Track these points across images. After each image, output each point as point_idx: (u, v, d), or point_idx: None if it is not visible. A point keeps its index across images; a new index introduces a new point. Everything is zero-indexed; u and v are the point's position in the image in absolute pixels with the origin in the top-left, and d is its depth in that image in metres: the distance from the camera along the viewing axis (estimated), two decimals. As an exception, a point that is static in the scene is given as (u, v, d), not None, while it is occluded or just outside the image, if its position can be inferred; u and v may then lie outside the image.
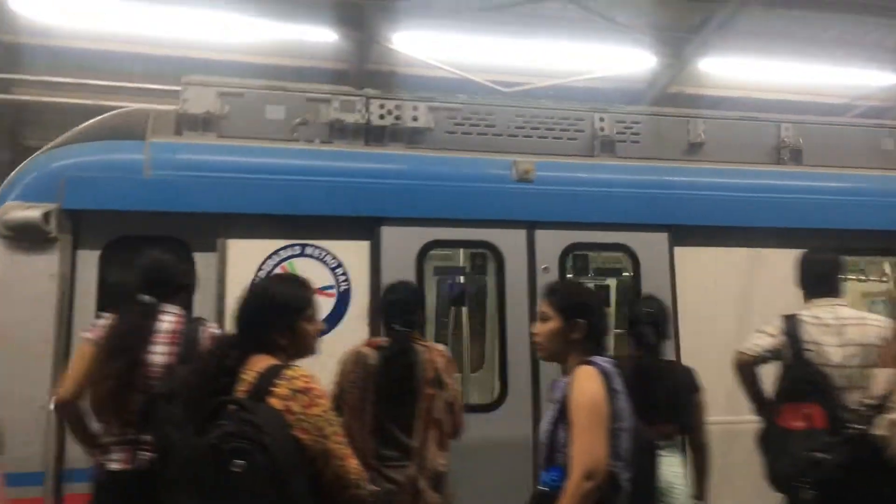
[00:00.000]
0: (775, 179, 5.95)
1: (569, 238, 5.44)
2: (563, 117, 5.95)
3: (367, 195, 5.14)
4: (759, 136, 6.27)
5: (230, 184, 4.96)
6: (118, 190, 4.82)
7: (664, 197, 5.62)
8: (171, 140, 5.18)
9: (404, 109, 5.63)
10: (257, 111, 5.44)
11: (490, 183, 5.37)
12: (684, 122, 6.15)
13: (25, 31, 9.76)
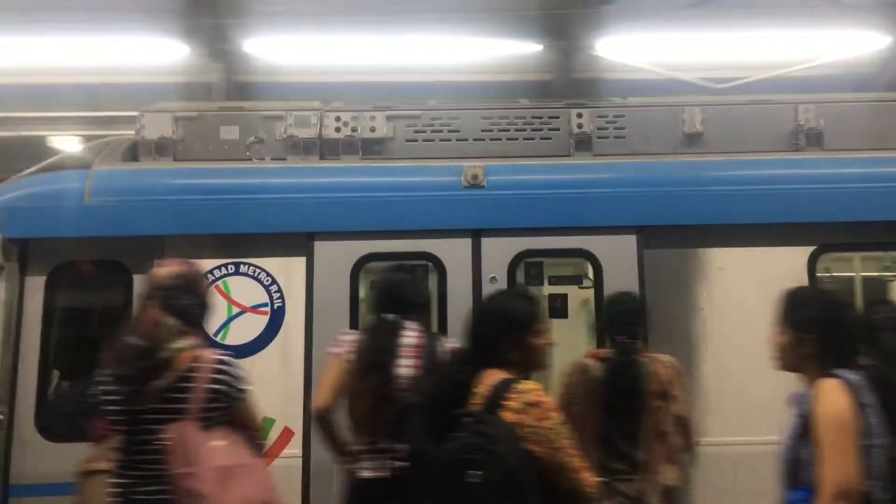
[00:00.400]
0: (785, 168, 5.38)
1: (520, 245, 5.17)
2: (535, 116, 5.64)
3: (299, 210, 5.12)
4: (772, 120, 5.65)
5: (164, 207, 5.06)
6: (60, 218, 5.01)
7: (632, 196, 5.19)
8: (115, 167, 5.29)
9: (361, 120, 5.52)
10: (212, 133, 5.52)
11: (435, 191, 5.22)
12: (678, 111, 5.63)
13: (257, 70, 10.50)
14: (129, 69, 10.02)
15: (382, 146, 5.52)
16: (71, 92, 9.82)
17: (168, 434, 3.08)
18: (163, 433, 3.09)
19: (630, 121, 5.63)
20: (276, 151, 5.49)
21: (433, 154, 5.48)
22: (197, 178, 5.31)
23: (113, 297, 5.13)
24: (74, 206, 5.03)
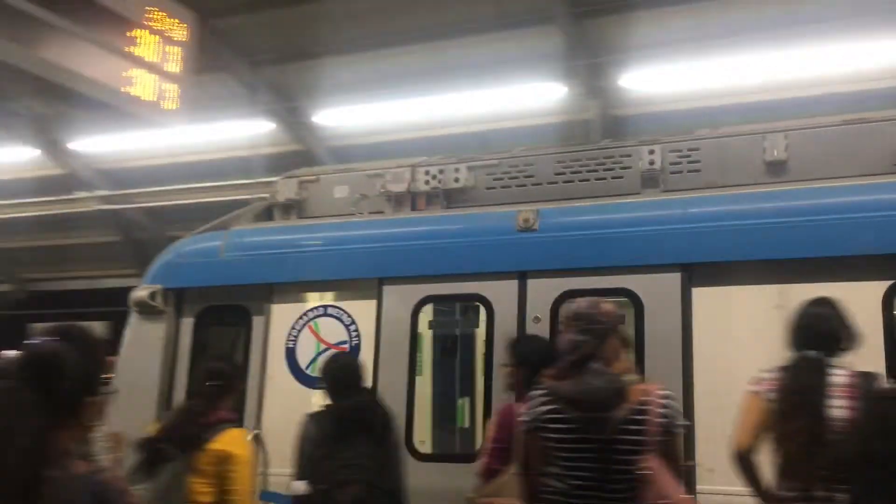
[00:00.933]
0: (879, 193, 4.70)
1: (563, 285, 5.12)
2: (607, 156, 5.63)
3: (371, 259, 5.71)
4: (870, 141, 5.01)
5: (272, 259, 5.98)
6: (202, 271, 6.16)
7: (676, 232, 4.94)
8: (244, 227, 6.41)
9: (447, 172, 5.95)
10: (328, 192, 6.36)
11: (489, 236, 5.45)
12: (759, 139, 5.27)
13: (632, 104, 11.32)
14: (515, 114, 11.47)
15: (465, 195, 5.89)
16: (465, 140, 11.09)
17: (640, 465, 3.19)
18: (628, 464, 3.21)
19: (705, 153, 5.36)
20: (376, 206, 6.09)
21: (511, 199, 5.65)
22: (294, 234, 6.24)
23: (238, 335, 6.12)
24: (212, 261, 6.15)
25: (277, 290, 5.93)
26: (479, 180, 5.90)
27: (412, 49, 11.38)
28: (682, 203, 5.12)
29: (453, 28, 10.78)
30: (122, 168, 15.05)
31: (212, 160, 14.27)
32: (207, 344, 6.16)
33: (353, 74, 12.20)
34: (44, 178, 15.53)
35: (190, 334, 6.12)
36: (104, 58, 5.05)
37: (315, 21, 11.31)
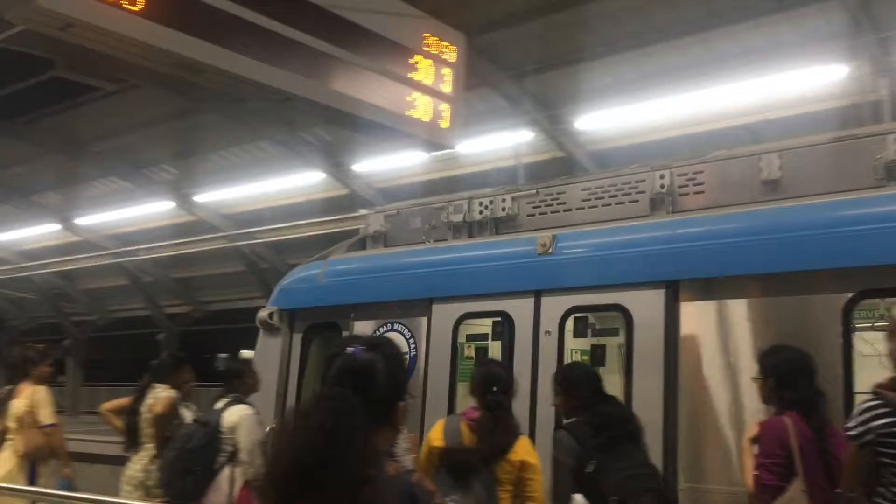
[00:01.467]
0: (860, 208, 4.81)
1: (569, 303, 5.62)
2: (624, 182, 5.96)
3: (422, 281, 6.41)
4: (856, 157, 5.11)
5: (351, 284, 6.90)
6: (307, 294, 7.06)
7: (662, 252, 5.31)
8: (340, 256, 7.29)
9: (495, 202, 6.49)
10: (405, 224, 7.06)
11: (513, 259, 6.02)
12: (755, 160, 5.40)
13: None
14: (790, 102, 11.08)
15: (511, 222, 6.44)
16: (732, 134, 11.10)
17: None
18: None
19: (709, 175, 5.60)
20: (441, 234, 6.77)
21: (547, 224, 6.14)
22: (370, 261, 7.08)
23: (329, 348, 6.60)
24: (314, 286, 7.04)
25: (357, 310, 6.66)
26: (521, 208, 6.43)
27: (675, 44, 11.04)
28: (671, 225, 5.49)
29: (721, 17, 10.30)
30: (398, 185, 16.10)
31: (475, 173, 14.83)
32: (312, 357, 6.97)
33: (612, 76, 12.08)
34: (329, 199, 17.05)
35: (299, 348, 6.98)
36: (387, 85, 5.43)
37: (572, 27, 11.35)
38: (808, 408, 3.78)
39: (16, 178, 20.49)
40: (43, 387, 6.62)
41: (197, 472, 5.39)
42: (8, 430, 6.45)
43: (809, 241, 4.77)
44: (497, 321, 6.19)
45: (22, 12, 3.90)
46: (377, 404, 2.23)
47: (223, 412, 5.60)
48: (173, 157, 18.12)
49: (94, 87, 14.69)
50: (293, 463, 2.01)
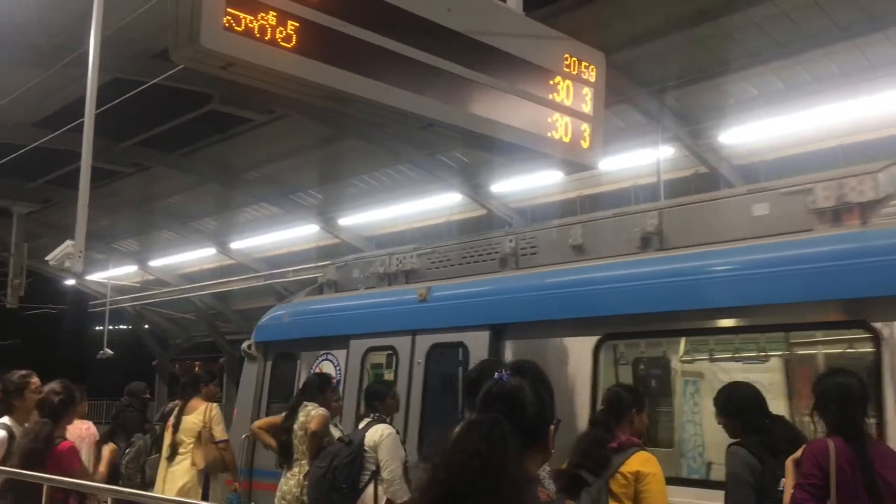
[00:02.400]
0: (633, 268, 6.11)
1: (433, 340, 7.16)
2: (486, 244, 7.51)
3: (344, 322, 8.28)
4: (626, 228, 6.47)
5: (303, 322, 8.60)
6: (275, 330, 8.81)
7: (489, 301, 6.88)
8: (300, 300, 9.10)
9: (406, 258, 8.15)
10: (350, 274, 8.80)
11: (403, 305, 7.60)
12: (566, 229, 6.94)
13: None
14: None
15: (416, 274, 7.99)
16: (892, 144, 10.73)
17: None
18: None
19: (540, 240, 7.07)
20: (370, 283, 8.39)
21: (436, 276, 7.69)
22: (313, 305, 8.81)
23: (292, 375, 8.46)
24: (280, 324, 8.82)
25: (306, 343, 8.38)
26: (423, 264, 7.97)
27: (827, 51, 10.49)
28: (498, 280, 7.03)
29: (878, 21, 9.71)
30: (535, 205, 16.09)
31: (614, 191, 14.60)
32: (277, 379, 8.61)
33: (758, 88, 11.61)
34: (467, 220, 17.25)
35: (269, 372, 8.64)
36: (528, 107, 5.44)
37: (714, 40, 11.02)
38: (852, 432, 3.82)
39: (176, 206, 21.95)
40: (216, 404, 7.08)
41: (343, 489, 5.55)
42: (180, 444, 6.87)
43: (571, 295, 6.30)
44: (389, 354, 7.62)
45: (187, 54, 4.18)
46: (527, 429, 2.22)
47: (366, 431, 5.75)
48: (318, 183, 18.88)
49: (246, 118, 15.57)
50: (446, 489, 2.03)
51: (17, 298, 21.74)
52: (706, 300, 5.42)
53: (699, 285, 5.50)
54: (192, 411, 7.03)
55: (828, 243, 5.14)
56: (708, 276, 5.56)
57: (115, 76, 12.24)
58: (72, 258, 7.50)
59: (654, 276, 5.85)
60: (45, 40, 12.35)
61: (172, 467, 6.93)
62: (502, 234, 7.44)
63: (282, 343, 8.67)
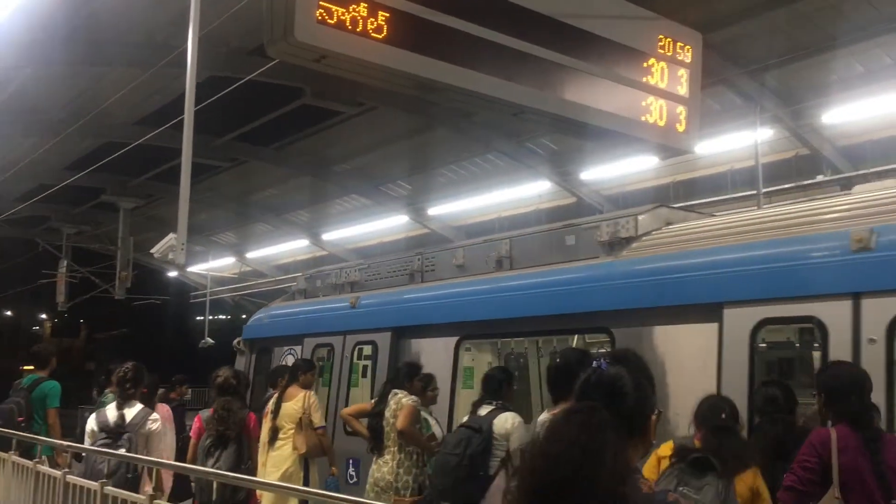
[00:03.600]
0: (488, 284, 7.61)
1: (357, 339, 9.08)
2: (400, 261, 9.20)
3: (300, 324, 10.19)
4: (487, 252, 7.97)
5: (275, 323, 10.69)
6: (257, 329, 10.83)
7: (389, 309, 8.61)
8: (277, 304, 11.37)
9: (344, 272, 10.05)
10: (314, 283, 10.58)
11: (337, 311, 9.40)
12: (452, 251, 8.57)
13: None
14: None
15: (357, 285, 9.78)
16: None
17: None
18: None
19: (437, 260, 8.70)
20: (327, 292, 10.12)
21: (370, 287, 9.41)
22: (283, 310, 10.89)
23: (270, 365, 10.02)
24: (261, 324, 10.93)
25: (277, 340, 10.30)
26: (363, 276, 9.67)
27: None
28: (400, 292, 8.69)
29: None
30: (627, 192, 15.80)
31: (710, 175, 14.18)
32: (259, 369, 10.40)
33: (864, 65, 11.04)
34: (556, 208, 17.08)
35: (253, 364, 10.55)
36: (621, 91, 5.33)
37: (817, 15, 10.53)
38: (858, 420, 3.85)
39: (271, 199, 22.54)
40: (313, 392, 7.28)
41: (480, 476, 5.54)
42: (280, 430, 7.08)
43: (441, 305, 7.93)
44: (329, 349, 9.36)
45: (282, 48, 4.25)
46: (627, 418, 2.17)
47: (493, 419, 5.70)
48: (407, 173, 19.04)
49: (337, 111, 15.81)
50: (545, 478, 2.00)
51: (125, 290, 22.80)
52: (522, 310, 7.07)
53: (524, 298, 7.09)
54: (291, 398, 7.22)
55: (589, 270, 6.71)
56: (527, 292, 7.18)
57: (212, 74, 12.62)
58: (175, 251, 7.78)
59: (494, 292, 7.47)
60: (145, 41, 12.84)
61: (274, 452, 7.16)
62: (414, 254, 9.22)
63: (261, 340, 10.68)
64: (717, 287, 5.54)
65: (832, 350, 4.91)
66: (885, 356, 4.65)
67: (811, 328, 5.34)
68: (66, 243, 25.64)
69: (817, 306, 5.07)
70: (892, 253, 4.81)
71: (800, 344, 6.08)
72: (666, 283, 5.93)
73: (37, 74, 14.13)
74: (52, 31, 11.81)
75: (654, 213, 6.67)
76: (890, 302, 4.74)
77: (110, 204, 22.68)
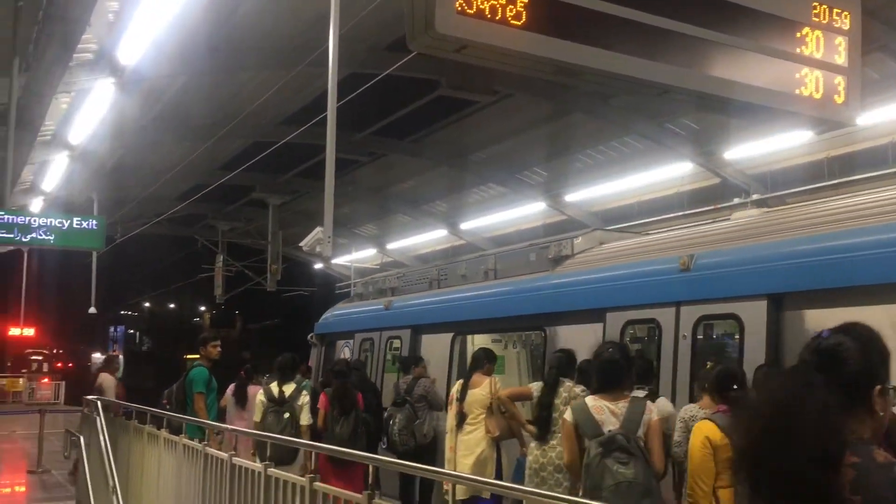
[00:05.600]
0: (482, 290, 9.84)
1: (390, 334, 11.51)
2: (425, 272, 11.78)
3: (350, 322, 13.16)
4: (479, 265, 10.30)
5: (335, 321, 13.29)
6: (325, 326, 13.29)
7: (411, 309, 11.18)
8: (340, 305, 13.85)
9: (390, 279, 12.57)
10: (367, 288, 13.25)
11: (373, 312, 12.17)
12: (458, 264, 11.11)
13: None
14: None
15: (399, 290, 12.13)
16: None
17: None
18: None
19: (448, 271, 11.01)
20: (376, 296, 12.67)
21: (404, 293, 11.90)
22: (341, 310, 13.57)
23: (335, 356, 12.67)
24: (328, 322, 13.40)
25: (337, 335, 12.86)
26: (397, 283, 12.06)
27: None
28: (419, 297, 11.33)
29: None
30: (776, 170, 15.04)
31: (870, 149, 13.27)
32: (326, 359, 12.71)
33: None
34: (699, 189, 16.49)
35: (323, 354, 12.85)
36: (773, 64, 5.05)
37: None
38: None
39: (409, 191, 22.99)
40: (497, 378, 7.99)
41: None
42: (468, 415, 7.64)
43: (444, 308, 10.26)
44: (371, 343, 11.71)
45: (423, 41, 4.30)
46: (847, 387, 2.09)
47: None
48: (544, 160, 18.91)
49: (472, 101, 15.90)
50: (758, 442, 1.96)
51: (275, 283, 23.90)
52: (490, 313, 9.41)
53: (492, 304, 9.40)
54: (477, 385, 7.72)
55: (533, 282, 8.81)
56: (492, 299, 9.45)
57: (351, 71, 12.99)
58: (322, 243, 8.13)
59: (473, 300, 9.79)
60: (287, 44, 13.36)
61: (464, 436, 7.69)
62: (433, 266, 12.02)
63: (328, 335, 13.11)
64: (602, 296, 7.62)
65: (663, 343, 6.80)
66: (690, 348, 6.54)
67: (654, 327, 7.08)
68: (221, 239, 27.20)
69: (656, 311, 7.01)
70: (702, 273, 6.65)
71: (646, 337, 7.55)
72: (575, 292, 8.06)
73: (189, 83, 15.02)
74: (200, 42, 12.51)
75: (590, 235, 8.96)
76: (695, 308, 6.63)
77: (260, 200, 23.84)
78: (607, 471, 4.47)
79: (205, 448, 6.24)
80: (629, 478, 4.44)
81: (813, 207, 7.03)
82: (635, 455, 4.55)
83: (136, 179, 21.54)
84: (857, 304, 5.39)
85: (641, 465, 4.54)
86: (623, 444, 4.56)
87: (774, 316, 5.98)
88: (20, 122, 10.82)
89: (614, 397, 4.80)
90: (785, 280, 5.99)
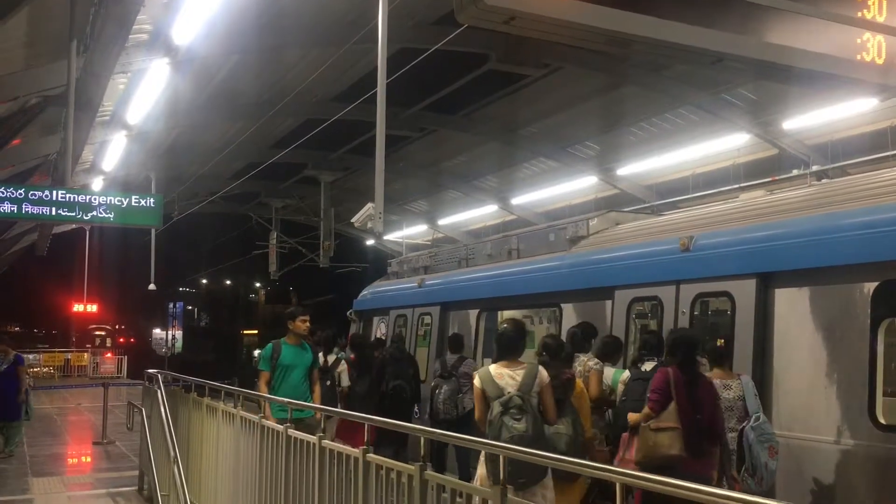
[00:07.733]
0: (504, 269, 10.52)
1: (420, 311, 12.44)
2: (457, 251, 12.61)
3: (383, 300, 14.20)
4: (503, 245, 10.93)
5: (372, 298, 14.28)
6: (362, 303, 14.44)
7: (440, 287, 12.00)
8: (376, 283, 14.73)
9: (422, 258, 13.41)
10: (403, 266, 13.99)
11: (407, 290, 13.14)
12: (484, 244, 11.78)
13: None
14: None
15: (432, 269, 12.91)
16: None
17: None
18: None
19: (476, 251, 11.82)
20: (412, 274, 13.29)
21: (436, 272, 12.66)
22: (376, 288, 14.43)
23: (370, 331, 13.79)
24: (365, 300, 14.39)
25: (374, 313, 13.78)
26: (430, 261, 12.87)
27: None
28: (447, 275, 12.12)
29: None
30: (837, 140, 14.61)
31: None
32: (364, 333, 13.38)
33: None
34: (755, 161, 16.12)
35: (361, 330, 13.71)
36: (833, 29, 4.89)
37: None
38: (684, 365, 5.75)
39: (460, 166, 22.95)
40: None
41: None
42: None
43: (469, 286, 11.11)
44: (404, 318, 12.47)
45: (471, 13, 4.26)
46: None
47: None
48: (595, 134, 18.67)
49: (523, 75, 15.76)
50: None
51: (328, 259, 24.15)
52: (512, 290, 10.05)
53: (512, 283, 10.07)
54: None
55: (550, 261, 9.44)
56: (519, 276, 9.98)
57: (400, 47, 12.97)
58: (373, 219, 8.16)
59: (496, 278, 10.44)
60: (336, 21, 13.40)
61: None
62: (462, 246, 12.83)
63: (365, 311, 14.09)
64: (612, 275, 8.21)
65: (665, 318, 7.42)
66: (689, 323, 7.11)
67: (657, 304, 7.66)
68: (275, 216, 27.55)
69: (658, 289, 7.59)
70: (699, 253, 7.18)
71: (650, 314, 8.02)
72: (587, 272, 8.64)
73: (240, 62, 15.18)
74: (250, 21, 12.61)
75: (605, 216, 9.42)
76: (694, 286, 7.20)
77: (312, 178, 24.07)
78: (504, 426, 5.25)
79: (261, 420, 6.38)
80: (520, 431, 5.21)
81: (811, 189, 7.41)
82: (527, 412, 5.32)
83: (190, 158, 21.92)
84: (836, 282, 5.99)
85: (531, 419, 5.30)
86: (518, 404, 5.33)
87: (763, 293, 6.50)
88: (79, 103, 11.05)
89: (513, 365, 5.53)
90: (772, 260, 6.48)
